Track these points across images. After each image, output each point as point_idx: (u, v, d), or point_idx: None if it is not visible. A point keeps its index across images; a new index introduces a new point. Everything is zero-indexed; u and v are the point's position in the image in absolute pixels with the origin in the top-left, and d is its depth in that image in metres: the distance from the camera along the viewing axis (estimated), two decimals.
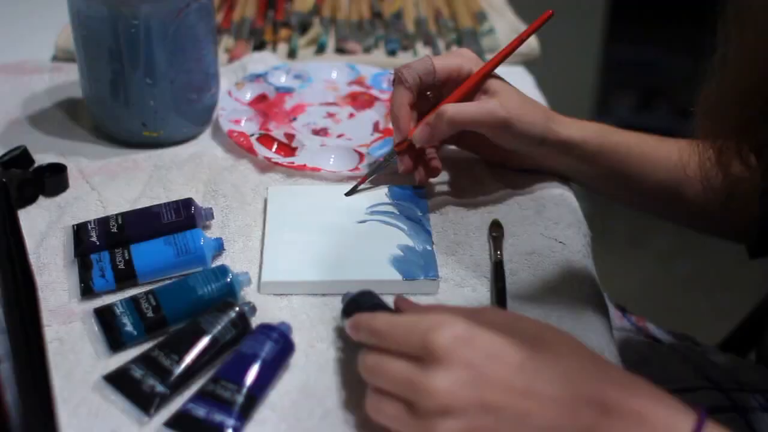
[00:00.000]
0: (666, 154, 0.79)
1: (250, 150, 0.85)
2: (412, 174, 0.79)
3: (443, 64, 0.77)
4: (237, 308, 0.62)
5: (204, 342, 0.60)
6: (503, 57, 0.77)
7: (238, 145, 0.86)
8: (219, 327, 0.61)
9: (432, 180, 0.82)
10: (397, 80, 0.77)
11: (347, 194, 0.78)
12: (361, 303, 0.62)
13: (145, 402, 0.57)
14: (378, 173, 0.80)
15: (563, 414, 0.48)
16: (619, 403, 0.48)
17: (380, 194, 0.79)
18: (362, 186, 0.79)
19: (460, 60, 0.77)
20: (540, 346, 0.51)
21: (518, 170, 0.83)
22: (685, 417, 0.48)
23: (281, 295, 0.68)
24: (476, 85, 0.76)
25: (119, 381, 0.59)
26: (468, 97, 0.77)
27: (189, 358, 0.59)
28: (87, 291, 0.67)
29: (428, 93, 0.79)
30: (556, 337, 0.53)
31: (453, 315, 0.53)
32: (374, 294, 0.64)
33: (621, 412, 0.48)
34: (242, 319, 0.62)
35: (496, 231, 0.75)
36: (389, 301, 0.67)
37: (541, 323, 0.55)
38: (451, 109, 0.73)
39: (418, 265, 0.70)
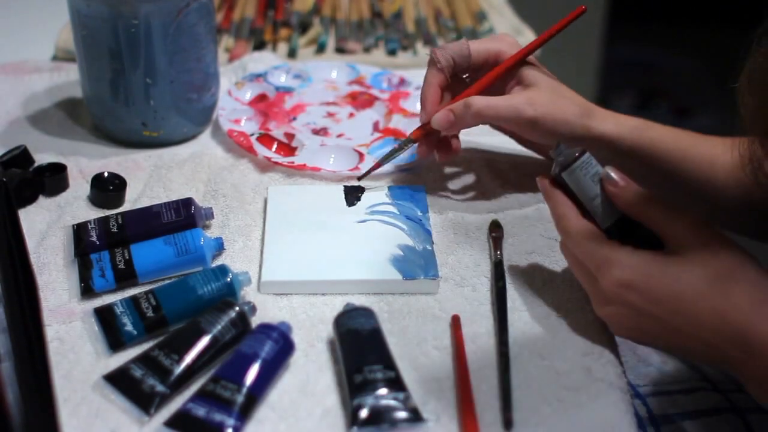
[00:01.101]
0: (706, 151, 0.77)
1: (250, 150, 0.85)
2: (426, 157, 0.79)
3: (480, 48, 0.76)
4: (237, 308, 0.62)
5: (204, 342, 0.60)
6: (534, 47, 0.76)
7: (238, 145, 0.86)
8: (219, 327, 0.61)
9: (432, 180, 0.82)
10: (431, 61, 0.76)
11: (359, 178, 0.79)
12: (340, 324, 0.62)
13: (145, 401, 0.57)
14: (394, 158, 0.79)
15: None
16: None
17: (380, 194, 0.78)
18: (363, 183, 0.79)
19: (499, 45, 0.76)
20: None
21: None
22: None
23: (281, 294, 0.68)
24: (504, 73, 0.75)
25: (119, 381, 0.59)
26: (498, 84, 0.76)
27: (189, 357, 0.59)
28: (87, 290, 0.67)
29: (465, 76, 0.78)
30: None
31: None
32: (369, 314, 0.63)
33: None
34: (242, 319, 0.62)
35: (496, 231, 0.75)
36: (390, 301, 0.68)
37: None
38: (479, 102, 0.72)
39: (418, 264, 0.70)
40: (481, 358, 0.63)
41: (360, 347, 0.60)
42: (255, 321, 0.63)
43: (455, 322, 0.65)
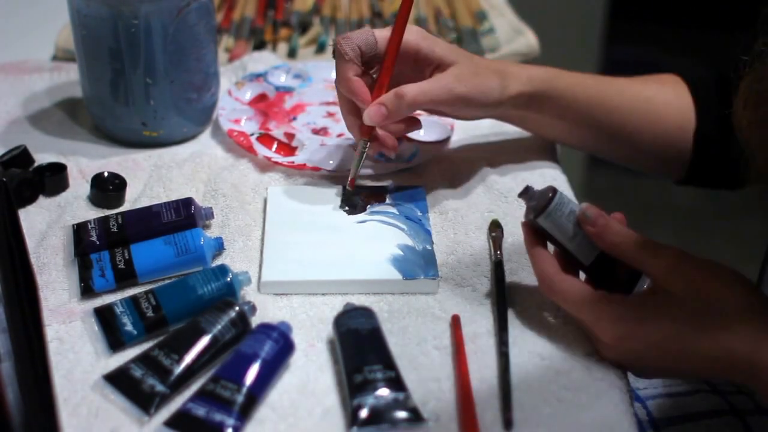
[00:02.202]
0: (613, 92, 0.81)
1: (250, 149, 0.85)
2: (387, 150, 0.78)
3: (386, 35, 0.74)
4: (237, 308, 0.62)
5: (204, 341, 0.60)
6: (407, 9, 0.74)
7: (237, 145, 0.86)
8: (219, 326, 0.61)
9: (432, 180, 0.82)
10: (338, 54, 0.73)
11: (342, 203, 0.77)
12: (340, 324, 0.62)
13: (145, 401, 0.57)
14: (361, 165, 0.77)
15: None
16: None
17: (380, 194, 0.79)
18: (365, 181, 0.79)
19: (404, 34, 0.74)
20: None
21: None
22: None
23: (281, 294, 0.68)
24: (396, 54, 0.73)
25: (119, 380, 0.59)
26: (412, 70, 0.75)
27: (189, 357, 0.59)
28: (87, 290, 0.67)
29: (372, 72, 0.76)
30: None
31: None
32: (369, 314, 0.63)
33: None
34: (242, 319, 0.62)
35: (495, 231, 0.75)
36: (390, 301, 0.68)
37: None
38: (411, 90, 0.72)
39: (418, 264, 0.70)
40: (481, 358, 0.63)
41: (360, 347, 0.60)
42: (255, 321, 0.63)
43: (455, 322, 0.65)
